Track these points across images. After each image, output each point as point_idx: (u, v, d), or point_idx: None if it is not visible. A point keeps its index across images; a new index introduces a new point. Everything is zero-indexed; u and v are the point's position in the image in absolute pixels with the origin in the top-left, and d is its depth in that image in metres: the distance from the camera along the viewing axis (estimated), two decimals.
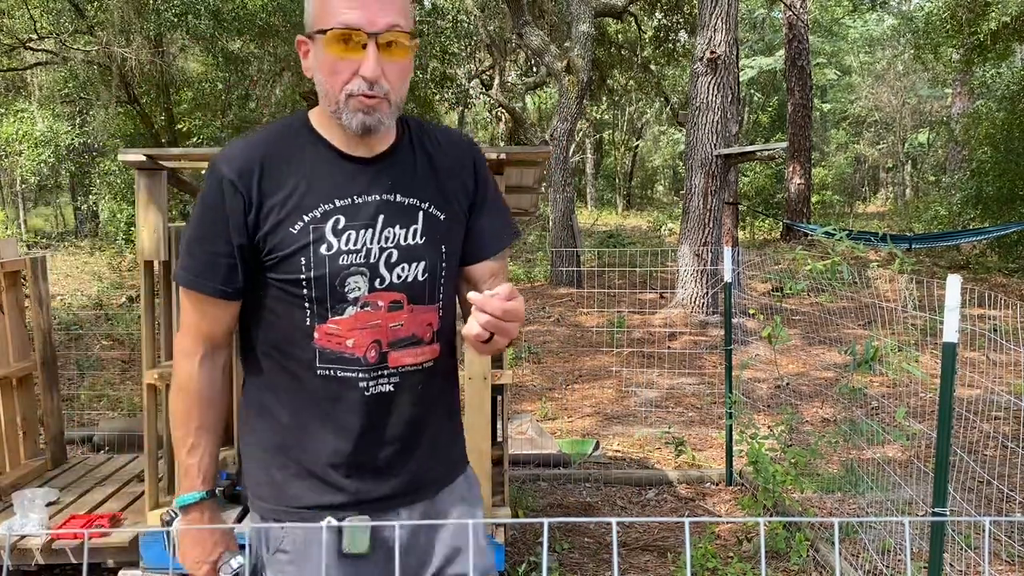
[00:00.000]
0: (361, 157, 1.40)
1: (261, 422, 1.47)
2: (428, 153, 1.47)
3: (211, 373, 1.46)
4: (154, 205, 2.88)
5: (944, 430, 2.31)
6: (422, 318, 1.45)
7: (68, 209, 20.20)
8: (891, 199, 26.65)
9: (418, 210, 1.42)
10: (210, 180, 1.37)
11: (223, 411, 1.50)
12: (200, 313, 1.42)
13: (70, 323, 8.56)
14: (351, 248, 1.37)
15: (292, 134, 1.41)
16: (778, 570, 3.35)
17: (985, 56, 12.72)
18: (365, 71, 1.30)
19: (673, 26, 16.42)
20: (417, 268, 1.42)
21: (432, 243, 1.44)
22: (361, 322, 1.40)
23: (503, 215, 1.56)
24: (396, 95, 1.35)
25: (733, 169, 9.55)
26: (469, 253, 1.52)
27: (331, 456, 1.42)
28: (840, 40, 26.67)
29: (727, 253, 4.38)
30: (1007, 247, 12.06)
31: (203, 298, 1.40)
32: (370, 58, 1.30)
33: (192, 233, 1.39)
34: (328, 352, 1.39)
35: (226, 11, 11.06)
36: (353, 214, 1.37)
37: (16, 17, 11.70)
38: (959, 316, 2.21)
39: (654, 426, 5.45)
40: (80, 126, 14.02)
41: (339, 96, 1.32)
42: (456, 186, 1.48)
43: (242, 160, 1.36)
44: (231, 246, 1.36)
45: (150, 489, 2.98)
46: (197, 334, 1.44)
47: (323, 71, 1.34)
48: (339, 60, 1.31)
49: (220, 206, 1.35)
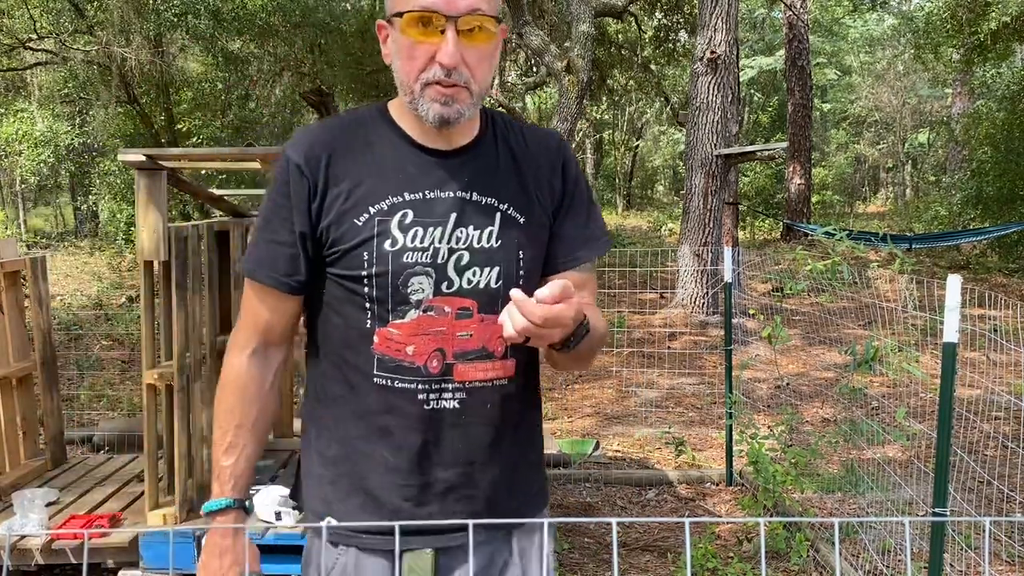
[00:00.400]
0: (438, 150, 1.30)
1: (316, 434, 1.38)
2: (512, 150, 1.36)
3: (261, 370, 1.37)
4: (154, 205, 2.88)
5: (944, 430, 2.31)
6: (494, 329, 1.30)
7: (68, 209, 20.19)
8: (891, 199, 26.65)
9: (495, 211, 1.31)
10: (278, 165, 1.31)
11: (268, 413, 1.40)
12: (259, 305, 1.34)
13: (70, 323, 8.56)
14: (417, 246, 1.27)
15: (367, 121, 1.33)
16: (778, 570, 3.35)
17: (985, 56, 12.71)
18: (443, 57, 1.20)
19: (673, 26, 16.42)
20: (490, 274, 1.30)
21: (509, 247, 1.31)
22: (423, 327, 1.28)
23: (593, 222, 1.42)
24: (478, 84, 1.24)
25: (733, 169, 9.55)
26: (552, 261, 1.38)
27: (387, 475, 1.31)
28: (840, 40, 26.67)
29: (727, 253, 4.38)
30: (1007, 247, 12.05)
31: (262, 288, 1.32)
32: (449, 43, 1.20)
33: (259, 221, 1.33)
34: (387, 359, 1.29)
35: (226, 11, 11.06)
36: (423, 210, 1.27)
37: (16, 17, 11.70)
38: (959, 316, 2.20)
39: (654, 426, 5.44)
40: (80, 126, 14.02)
41: (415, 84, 1.23)
42: (541, 187, 1.36)
43: (311, 144, 1.29)
44: (294, 235, 1.28)
45: (150, 489, 2.97)
46: (253, 327, 1.36)
47: (400, 57, 1.25)
48: (416, 45, 1.22)
49: (286, 192, 1.28)
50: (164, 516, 2.93)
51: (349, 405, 1.33)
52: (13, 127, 12.86)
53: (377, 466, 1.32)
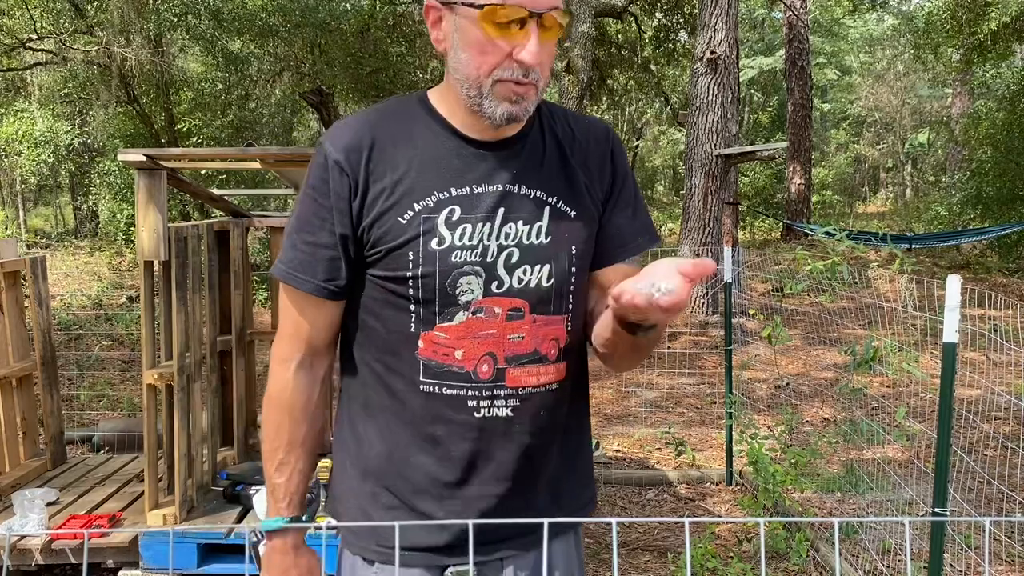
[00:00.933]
0: (485, 141, 1.22)
1: (354, 445, 1.31)
2: (559, 140, 1.28)
3: (308, 384, 1.29)
4: (154, 205, 2.88)
5: (944, 430, 2.31)
6: (546, 331, 1.25)
7: (68, 209, 20.19)
8: (891, 199, 26.65)
9: (544, 204, 1.23)
10: (314, 161, 1.22)
11: (318, 427, 1.33)
12: (299, 313, 1.26)
13: (70, 323, 8.56)
14: (465, 244, 1.19)
15: (408, 112, 1.25)
16: (778, 570, 3.35)
17: (985, 56, 12.73)
18: (527, 56, 1.12)
19: (673, 26, 16.42)
20: (542, 272, 1.23)
21: (560, 243, 1.24)
22: (473, 331, 1.21)
23: (642, 214, 1.36)
24: (544, 81, 1.18)
25: (733, 169, 9.55)
26: (601, 255, 1.31)
27: (432, 488, 1.25)
28: (840, 40, 26.68)
29: (727, 253, 4.38)
30: (1007, 247, 12.05)
31: (303, 296, 1.24)
32: (533, 42, 1.12)
33: (294, 223, 1.24)
34: (433, 365, 1.22)
35: (226, 11, 11.07)
36: (470, 205, 1.20)
37: (16, 17, 11.70)
38: (959, 316, 2.20)
39: (654, 426, 5.44)
40: (80, 126, 14.03)
41: (485, 80, 1.15)
42: (592, 178, 1.29)
43: (350, 138, 1.21)
44: (335, 236, 1.20)
45: (150, 489, 2.97)
46: (295, 337, 1.27)
47: (470, 49, 1.15)
48: (494, 40, 1.13)
49: (324, 190, 1.20)
50: (164, 516, 2.93)
51: (393, 414, 1.26)
52: (13, 127, 12.86)
53: (422, 478, 1.25)
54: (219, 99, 12.63)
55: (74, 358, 7.14)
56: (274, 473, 1.29)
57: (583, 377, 1.35)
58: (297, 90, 12.85)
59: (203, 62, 13.02)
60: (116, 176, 12.38)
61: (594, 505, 1.40)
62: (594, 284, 1.32)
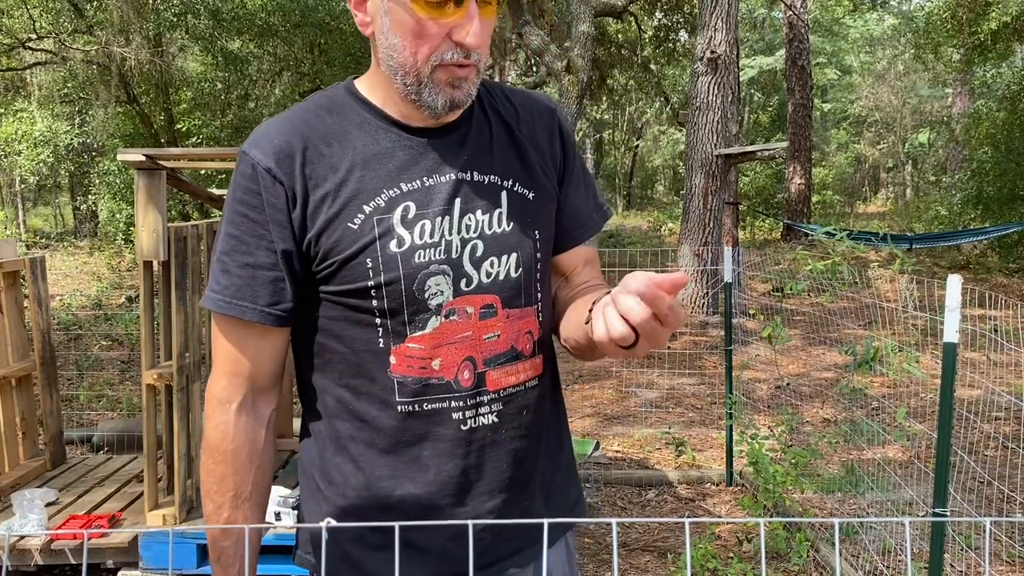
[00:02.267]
0: (427, 128, 1.12)
1: (325, 485, 1.17)
2: (503, 119, 1.19)
3: (253, 427, 1.14)
4: (153, 205, 2.87)
5: (944, 430, 2.31)
6: (520, 325, 1.16)
7: (67, 209, 20.20)
8: (891, 199, 26.66)
9: (501, 189, 1.15)
10: (239, 172, 1.09)
11: (268, 472, 1.17)
12: (239, 346, 1.11)
13: (69, 323, 8.56)
14: (427, 242, 1.09)
15: (337, 105, 1.13)
16: (778, 571, 3.34)
17: (985, 56, 12.73)
18: (469, 38, 1.02)
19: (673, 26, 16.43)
20: (509, 262, 1.14)
21: (522, 229, 1.15)
22: (448, 336, 1.10)
23: (592, 189, 1.28)
24: (484, 62, 1.09)
25: (733, 169, 9.54)
26: (562, 238, 1.24)
27: (422, 516, 1.13)
28: (840, 40, 26.69)
29: (727, 253, 4.38)
30: (1008, 247, 12.05)
31: (243, 326, 1.10)
32: (475, 21, 1.02)
33: (223, 244, 1.09)
34: (410, 381, 1.10)
35: (225, 11, 11.07)
36: (424, 200, 1.09)
37: (15, 17, 11.70)
38: (959, 316, 2.20)
39: (654, 426, 5.44)
40: (79, 126, 14.03)
41: (422, 67, 1.05)
42: (542, 156, 1.20)
43: (278, 141, 1.08)
44: (274, 254, 1.07)
45: (149, 489, 2.97)
46: (235, 375, 1.12)
47: (403, 34, 1.04)
48: (430, 21, 1.02)
49: (256, 203, 1.07)
50: (164, 516, 2.93)
51: (366, 444, 1.13)
52: (13, 127, 12.86)
53: (411, 507, 1.13)
54: (219, 99, 12.63)
55: (73, 358, 7.14)
56: (220, 536, 1.13)
57: (555, 367, 1.27)
58: (297, 90, 12.85)
59: (203, 62, 13.02)
60: (116, 176, 12.38)
61: (583, 502, 1.33)
62: (555, 269, 1.25)
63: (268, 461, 1.17)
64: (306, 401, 1.19)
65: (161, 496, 3.03)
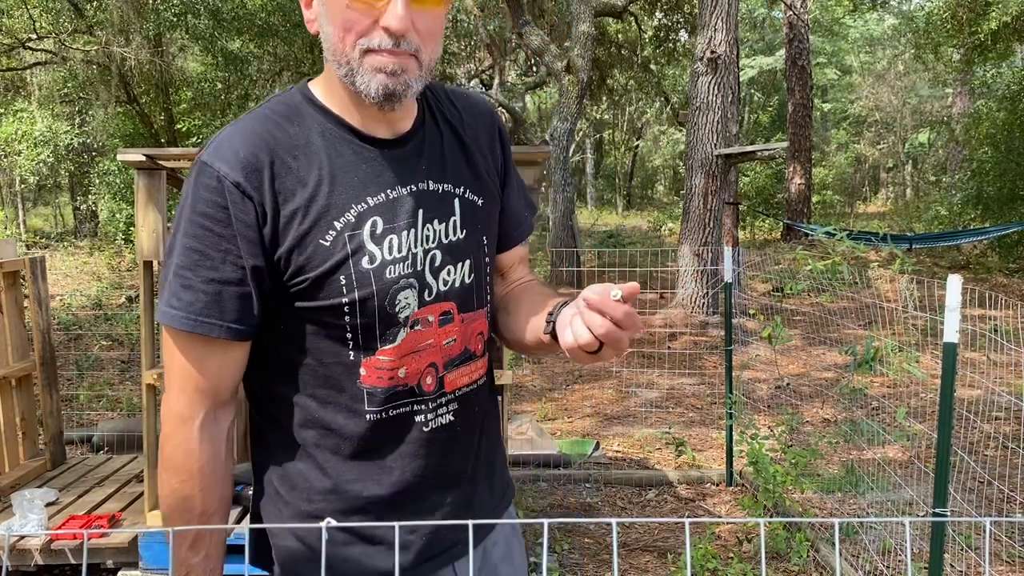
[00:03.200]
0: (385, 139, 1.13)
1: (288, 491, 1.17)
2: (451, 124, 1.21)
3: (215, 442, 1.12)
4: (153, 205, 2.87)
5: (945, 430, 2.31)
6: (473, 327, 1.20)
7: (67, 209, 20.20)
8: (891, 199, 26.68)
9: (454, 197, 1.17)
10: (202, 185, 1.05)
11: (230, 482, 1.16)
12: (200, 363, 1.08)
13: (69, 323, 8.56)
14: (396, 257, 1.10)
15: (297, 113, 1.11)
16: (778, 571, 3.34)
17: (985, 56, 12.74)
18: (390, 21, 1.01)
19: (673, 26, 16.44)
20: (463, 268, 1.17)
21: (474, 235, 1.19)
22: (413, 345, 1.13)
23: (523, 189, 1.32)
24: (427, 55, 1.06)
25: (733, 169, 9.55)
26: (504, 239, 1.28)
27: (390, 515, 1.15)
28: (840, 40, 26.71)
29: (727, 253, 4.38)
30: (1008, 247, 12.06)
31: (207, 342, 1.07)
32: (398, 4, 1.01)
33: (183, 259, 1.05)
34: (379, 391, 1.12)
35: (225, 11, 11.08)
36: (391, 213, 1.10)
37: (15, 17, 11.71)
38: (959, 316, 2.20)
39: (654, 426, 5.44)
40: (79, 126, 14.03)
41: (351, 52, 1.04)
42: (487, 160, 1.23)
43: (245, 154, 1.04)
44: (243, 270, 1.05)
45: (149, 489, 2.97)
46: (196, 391, 1.09)
47: (331, 22, 1.04)
48: (353, 6, 1.02)
49: (222, 217, 1.03)
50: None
51: (332, 451, 1.14)
52: (13, 127, 12.86)
53: (377, 507, 1.15)
54: (219, 99, 12.64)
55: (74, 358, 7.14)
56: (188, 553, 1.11)
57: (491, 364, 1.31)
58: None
59: (203, 62, 13.03)
60: (116, 176, 12.39)
61: (513, 490, 1.37)
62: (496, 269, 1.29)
63: (229, 467, 1.15)
64: (262, 410, 1.18)
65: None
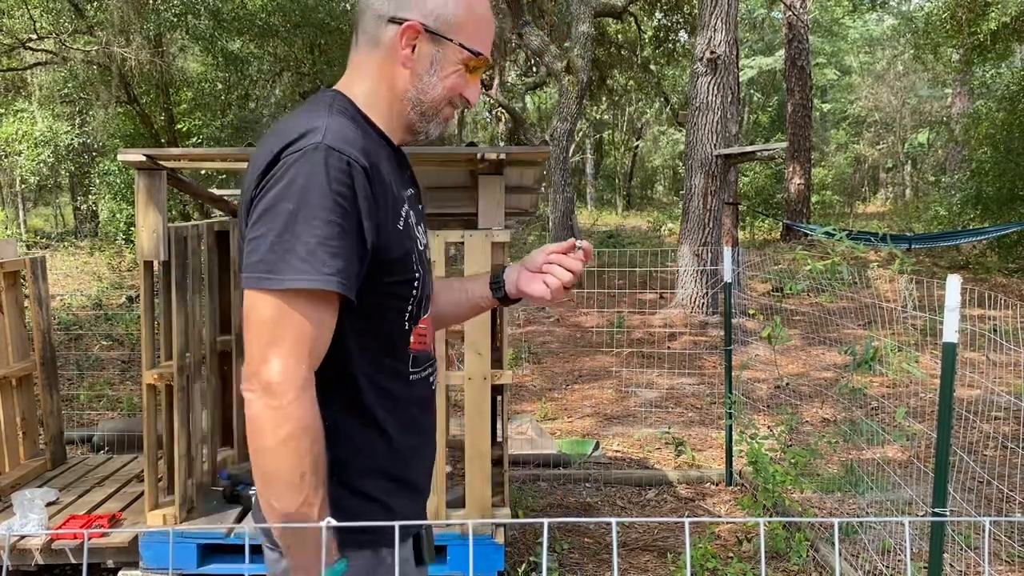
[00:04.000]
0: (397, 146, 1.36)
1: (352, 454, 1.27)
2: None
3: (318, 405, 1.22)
4: (154, 205, 2.88)
5: (944, 430, 2.31)
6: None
7: (68, 209, 20.20)
8: (891, 199, 26.67)
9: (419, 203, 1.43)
10: (333, 167, 1.15)
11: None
12: (326, 327, 1.18)
13: (70, 323, 8.56)
14: (424, 242, 1.37)
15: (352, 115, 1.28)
16: (778, 570, 3.35)
17: (985, 56, 12.74)
18: (473, 96, 1.33)
19: (673, 26, 16.44)
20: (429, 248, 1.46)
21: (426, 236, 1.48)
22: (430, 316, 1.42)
23: None
24: None
25: (733, 169, 9.55)
26: None
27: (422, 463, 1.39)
28: (840, 40, 26.71)
29: (727, 253, 4.38)
30: (1007, 247, 12.06)
31: (331, 307, 1.17)
32: (478, 87, 1.34)
33: (325, 230, 1.13)
34: (418, 354, 1.35)
35: (226, 11, 11.08)
36: (413, 206, 1.35)
37: (16, 17, 11.71)
38: (959, 316, 2.21)
39: (654, 426, 5.44)
40: (80, 126, 14.03)
41: (441, 105, 1.32)
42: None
43: (361, 143, 1.21)
44: (365, 247, 1.19)
45: (150, 489, 2.97)
46: (311, 356, 1.16)
47: (446, 82, 1.30)
48: (467, 80, 1.32)
49: (351, 196, 1.16)
50: (164, 516, 2.93)
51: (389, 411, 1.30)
52: (13, 127, 12.87)
53: (413, 457, 1.36)
54: (219, 99, 12.64)
55: (74, 358, 7.14)
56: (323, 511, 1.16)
57: None
58: (297, 90, 12.86)
59: (203, 62, 13.03)
60: (116, 176, 12.39)
61: None
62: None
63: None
64: (333, 380, 1.24)
65: (161, 496, 3.03)
